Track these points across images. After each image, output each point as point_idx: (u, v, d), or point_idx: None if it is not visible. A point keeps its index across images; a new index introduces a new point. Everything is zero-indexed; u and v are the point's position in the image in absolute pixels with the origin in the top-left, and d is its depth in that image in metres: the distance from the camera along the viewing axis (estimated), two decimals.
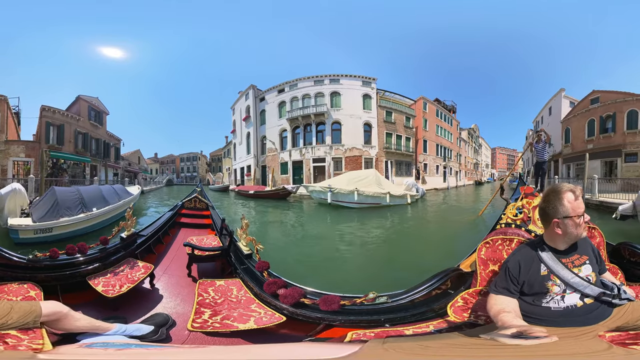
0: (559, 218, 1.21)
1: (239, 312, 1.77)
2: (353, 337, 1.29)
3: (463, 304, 1.46)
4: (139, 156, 46.84)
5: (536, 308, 1.19)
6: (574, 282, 1.17)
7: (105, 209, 7.46)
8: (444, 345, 0.99)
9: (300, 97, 26.14)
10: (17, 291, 1.80)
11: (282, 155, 26.79)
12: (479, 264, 1.56)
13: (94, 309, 1.92)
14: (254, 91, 29.91)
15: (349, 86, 26.13)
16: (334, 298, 1.68)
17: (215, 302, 1.91)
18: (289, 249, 6.31)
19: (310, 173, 24.99)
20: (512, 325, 0.97)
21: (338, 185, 13.72)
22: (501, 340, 0.91)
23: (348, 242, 7.09)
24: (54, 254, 2.22)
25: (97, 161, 24.90)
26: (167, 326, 1.84)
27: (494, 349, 0.90)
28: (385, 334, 1.34)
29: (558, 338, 0.88)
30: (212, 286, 2.12)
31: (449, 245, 6.26)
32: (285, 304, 1.75)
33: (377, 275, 4.51)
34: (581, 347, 0.92)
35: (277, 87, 27.76)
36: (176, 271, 2.83)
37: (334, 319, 1.63)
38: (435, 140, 31.75)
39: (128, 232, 2.87)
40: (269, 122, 28.10)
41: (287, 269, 3.83)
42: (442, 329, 1.38)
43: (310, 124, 25.68)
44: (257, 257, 2.43)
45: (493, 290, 1.27)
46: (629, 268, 1.71)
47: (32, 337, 1.21)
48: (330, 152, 25.20)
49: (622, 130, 18.21)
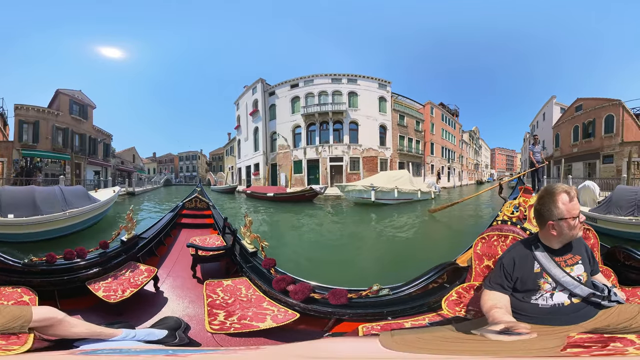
0: (553, 220, 1.21)
1: (253, 312, 1.77)
2: (364, 331, 1.35)
3: (457, 298, 1.53)
4: (133, 154, 42.50)
5: (525, 304, 1.21)
6: (564, 280, 1.19)
7: (28, 220, 5.50)
8: (436, 338, 1.04)
9: (317, 94, 25.63)
10: (9, 295, 1.76)
11: (296, 153, 25.79)
12: (474, 258, 1.60)
13: (95, 314, 1.90)
14: (262, 85, 28.54)
15: (366, 87, 26.42)
16: (342, 292, 1.72)
17: (226, 302, 1.90)
18: (378, 257, 5.68)
19: (327, 172, 24.59)
20: (501, 321, 0.99)
21: (380, 183, 14.46)
22: (489, 336, 0.95)
23: (407, 229, 8.66)
24: (50, 258, 2.18)
25: (81, 158, 23.27)
26: (182, 329, 1.76)
27: (479, 343, 0.96)
28: (390, 327, 1.39)
29: (537, 334, 0.92)
30: (219, 286, 2.09)
31: (467, 219, 10.20)
32: (296, 299, 1.76)
33: (440, 237, 7.48)
34: (548, 344, 0.97)
35: (290, 81, 26.87)
36: (181, 273, 2.79)
37: (344, 313, 1.68)
38: (440, 143, 33.37)
39: (129, 235, 2.78)
40: (280, 117, 26.97)
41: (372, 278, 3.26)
42: (435, 322, 1.42)
43: (327, 121, 25.25)
44: (263, 255, 2.40)
45: (487, 286, 1.29)
46: (622, 271, 1.73)
47: (11, 341, 1.18)
48: (348, 152, 25.08)
49: (601, 134, 20.42)
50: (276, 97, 27.53)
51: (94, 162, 25.92)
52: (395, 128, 27.01)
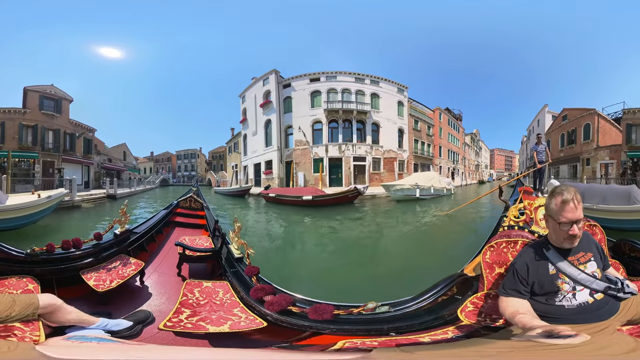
0: (546, 213, 1.32)
1: (218, 315, 1.76)
2: (345, 345, 1.19)
3: (474, 309, 1.46)
4: (124, 151, 36.59)
5: (550, 307, 1.21)
6: (581, 278, 1.21)
7: None
8: (486, 350, 0.96)
9: (340, 91, 24.83)
10: (17, 285, 1.87)
11: (316, 150, 24.53)
12: (484, 267, 1.56)
13: (85, 303, 1.98)
14: (276, 76, 26.65)
15: (387, 90, 26.66)
16: (326, 307, 1.56)
17: (198, 303, 1.92)
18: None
19: (351, 172, 24.02)
20: (535, 326, 0.98)
21: (423, 182, 17.33)
22: (540, 340, 0.91)
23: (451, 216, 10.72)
24: (50, 248, 2.27)
25: (54, 156, 21.87)
26: (144, 323, 1.88)
27: (539, 350, 0.88)
28: (395, 343, 1.29)
29: (589, 336, 0.91)
30: (198, 287, 2.13)
31: (479, 203, 12.78)
32: (271, 310, 1.68)
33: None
34: (613, 344, 0.95)
35: (309, 75, 25.57)
36: (167, 270, 2.85)
37: (324, 327, 1.52)
38: (447, 146, 35.46)
39: (122, 229, 2.88)
40: (298, 111, 25.23)
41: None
42: (460, 336, 1.33)
43: (350, 120, 24.62)
44: (248, 262, 2.42)
45: (502, 293, 1.28)
46: (629, 263, 1.77)
47: (31, 329, 1.29)
48: (371, 152, 24.83)
49: (580, 141, 23.14)
50: (292, 90, 25.83)
51: (70, 159, 23.11)
52: (411, 132, 28.04)
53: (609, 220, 5.89)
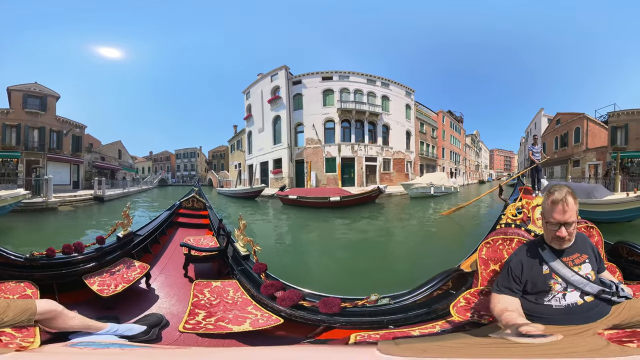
0: (541, 212, 1.35)
1: (234, 314, 1.74)
2: (357, 339, 1.25)
3: (465, 304, 1.48)
4: (119, 149, 34.00)
5: (538, 306, 1.22)
6: (574, 280, 1.20)
7: None
8: (454, 344, 1.01)
9: (352, 91, 24.81)
10: (14, 289, 1.82)
11: (328, 149, 24.27)
12: (479, 263, 1.58)
13: (89, 308, 1.94)
14: (286, 72, 25.96)
15: (397, 93, 27.11)
16: (334, 300, 1.64)
17: (210, 303, 1.88)
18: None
19: (363, 172, 24.21)
20: (517, 324, 0.99)
21: (437, 182, 19.17)
22: (511, 339, 0.94)
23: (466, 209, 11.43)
24: (50, 252, 2.24)
25: (38, 155, 21.07)
26: (160, 326, 1.83)
27: (506, 347, 0.92)
28: (392, 335, 1.34)
29: (563, 336, 0.93)
30: (208, 287, 2.10)
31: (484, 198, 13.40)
32: (283, 306, 1.72)
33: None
34: (583, 345, 0.95)
35: (322, 73, 25.22)
36: (173, 271, 2.83)
37: (335, 321, 1.60)
38: (449, 148, 36.69)
39: (124, 232, 2.83)
40: (309, 109, 24.69)
41: None
42: (446, 330, 1.40)
43: (362, 120, 24.74)
44: (255, 259, 2.40)
45: (496, 290, 1.29)
46: (626, 267, 1.75)
47: (25, 334, 1.24)
48: (382, 153, 25.12)
49: (572, 143, 24.58)
50: (303, 87, 25.26)
51: (57, 157, 21.93)
52: (417, 134, 28.96)
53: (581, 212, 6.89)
